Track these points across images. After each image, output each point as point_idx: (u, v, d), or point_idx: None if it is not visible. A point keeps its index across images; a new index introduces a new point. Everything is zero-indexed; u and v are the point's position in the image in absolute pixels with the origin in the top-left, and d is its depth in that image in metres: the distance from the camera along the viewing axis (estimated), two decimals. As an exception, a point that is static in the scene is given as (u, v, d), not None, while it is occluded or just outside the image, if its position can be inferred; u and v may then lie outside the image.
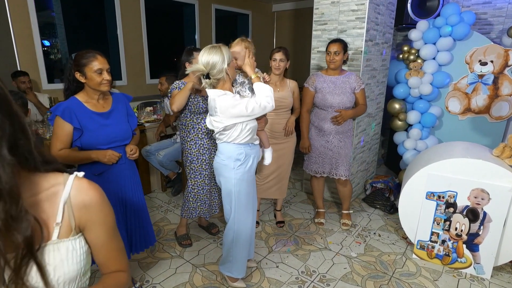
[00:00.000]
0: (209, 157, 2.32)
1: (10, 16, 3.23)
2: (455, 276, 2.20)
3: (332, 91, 2.47)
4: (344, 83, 2.48)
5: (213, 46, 1.66)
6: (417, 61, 3.24)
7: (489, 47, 3.04)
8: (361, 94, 2.52)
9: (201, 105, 2.17)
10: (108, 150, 1.63)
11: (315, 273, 2.20)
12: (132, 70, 4.53)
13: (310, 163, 2.68)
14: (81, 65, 1.53)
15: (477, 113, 3.22)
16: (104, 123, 1.63)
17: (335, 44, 2.40)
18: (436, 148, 2.56)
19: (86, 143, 1.60)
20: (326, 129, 2.52)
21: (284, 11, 6.54)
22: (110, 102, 1.70)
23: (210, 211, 2.45)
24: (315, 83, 2.52)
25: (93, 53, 1.55)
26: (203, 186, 2.35)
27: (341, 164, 2.57)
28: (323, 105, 2.49)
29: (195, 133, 2.26)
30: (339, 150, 2.55)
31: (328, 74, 2.53)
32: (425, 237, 2.31)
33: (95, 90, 1.60)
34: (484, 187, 2.06)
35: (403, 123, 3.41)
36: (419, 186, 2.28)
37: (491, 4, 3.46)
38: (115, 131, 1.66)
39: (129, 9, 4.33)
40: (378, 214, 3.03)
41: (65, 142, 1.57)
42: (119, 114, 1.71)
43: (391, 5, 3.11)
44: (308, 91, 2.55)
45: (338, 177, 2.60)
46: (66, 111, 1.54)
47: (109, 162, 1.62)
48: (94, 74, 1.54)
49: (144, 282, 2.09)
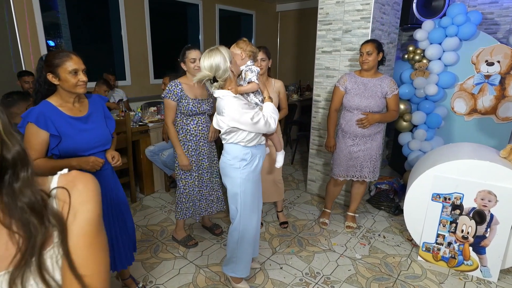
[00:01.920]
0: (197, 159, 2.31)
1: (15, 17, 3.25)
2: (461, 279, 2.17)
3: (361, 93, 2.38)
4: (375, 86, 2.38)
5: (211, 49, 1.65)
6: (423, 61, 3.21)
7: (495, 47, 3.01)
8: (393, 100, 2.38)
9: (190, 108, 2.18)
10: (90, 156, 1.52)
11: (319, 275, 2.18)
12: (136, 70, 4.54)
13: (338, 168, 2.59)
14: (53, 65, 1.40)
15: (484, 114, 3.19)
16: (83, 128, 1.51)
17: (368, 44, 2.33)
18: (442, 149, 2.54)
19: (65, 151, 1.47)
20: (352, 131, 2.44)
21: (288, 11, 6.53)
22: (86, 106, 1.57)
23: (200, 212, 2.44)
24: (346, 83, 2.44)
25: (67, 53, 1.43)
26: (193, 187, 2.36)
27: (365, 166, 2.51)
28: (349, 106, 2.41)
29: (183, 134, 2.25)
30: (365, 152, 2.47)
31: (361, 75, 2.43)
32: (430, 239, 2.29)
33: (69, 93, 1.46)
34: (491, 189, 2.04)
35: (408, 124, 3.38)
36: (425, 187, 2.25)
37: (497, 3, 3.42)
38: (95, 136, 1.55)
39: (133, 9, 4.34)
40: (382, 216, 3.00)
41: (40, 151, 1.43)
42: (98, 117, 1.60)
43: (397, 5, 3.08)
44: (338, 91, 2.47)
45: (362, 179, 2.55)
46: (41, 117, 1.39)
47: (93, 169, 1.51)
48: (69, 75, 1.41)
49: (148, 282, 2.08)
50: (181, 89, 2.17)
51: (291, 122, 5.06)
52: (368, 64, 2.33)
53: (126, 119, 2.91)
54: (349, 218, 2.79)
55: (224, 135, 1.78)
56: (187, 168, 2.27)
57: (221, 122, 1.72)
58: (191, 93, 2.21)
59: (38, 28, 3.44)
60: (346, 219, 2.81)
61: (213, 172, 2.46)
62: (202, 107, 2.24)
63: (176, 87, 2.16)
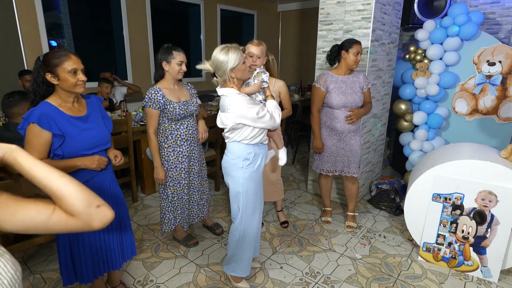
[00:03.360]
0: (188, 165, 2.25)
1: (18, 17, 3.27)
2: (461, 279, 2.17)
3: (344, 91, 2.45)
4: (354, 83, 2.48)
5: (225, 46, 1.66)
6: (424, 61, 3.21)
7: (497, 47, 3.00)
8: (368, 93, 2.55)
9: (177, 112, 2.09)
10: (95, 155, 1.52)
11: (319, 275, 2.18)
12: (138, 70, 4.55)
13: (321, 163, 2.66)
14: (52, 65, 1.39)
15: (485, 114, 3.18)
16: (84, 127, 1.51)
17: (360, 44, 2.40)
18: (443, 149, 2.53)
19: (69, 151, 1.46)
20: (338, 128, 2.51)
21: (289, 11, 6.53)
22: (85, 106, 1.58)
23: (188, 220, 2.41)
24: (327, 83, 2.48)
25: (65, 52, 1.42)
26: (182, 195, 2.28)
27: (352, 161, 2.58)
28: (336, 104, 2.46)
29: (173, 139, 2.17)
30: (351, 148, 2.55)
31: (339, 73, 2.49)
32: (431, 239, 2.29)
33: (69, 93, 1.46)
34: (491, 189, 2.03)
35: (409, 124, 3.38)
36: (426, 187, 2.25)
37: (499, 3, 3.41)
38: (97, 135, 1.55)
39: (135, 9, 4.35)
40: (383, 216, 3.00)
41: (43, 152, 1.42)
42: (96, 117, 1.60)
43: (398, 5, 3.08)
44: (320, 91, 2.50)
45: (350, 174, 2.60)
46: (43, 117, 1.38)
47: (98, 168, 1.52)
48: (68, 74, 1.40)
49: (148, 281, 2.09)
50: (162, 95, 2.05)
51: (292, 122, 5.06)
52: (357, 64, 2.44)
53: (127, 119, 2.92)
54: (349, 217, 2.80)
55: (228, 133, 1.78)
56: (162, 182, 2.20)
57: (225, 119, 1.72)
58: (174, 96, 2.11)
59: (41, 28, 3.45)
60: (346, 219, 2.82)
61: (203, 176, 2.43)
62: (189, 108, 2.15)
63: (157, 94, 2.04)
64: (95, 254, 1.62)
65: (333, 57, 2.51)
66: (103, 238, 1.65)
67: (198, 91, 2.59)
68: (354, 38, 2.66)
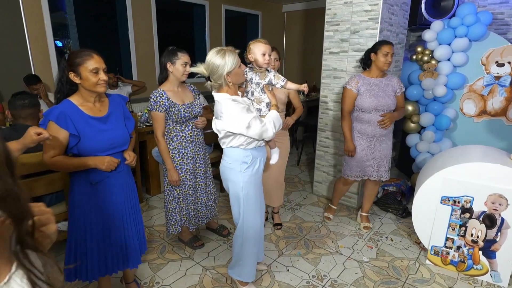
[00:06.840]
0: (193, 166, 2.24)
1: (25, 17, 3.28)
2: (470, 283, 2.14)
3: (376, 94, 2.39)
4: (387, 86, 2.42)
5: (220, 49, 1.61)
6: (431, 62, 3.18)
7: (506, 48, 2.96)
8: (401, 97, 2.50)
9: (182, 114, 2.09)
10: (106, 156, 1.52)
11: (326, 278, 2.16)
12: (143, 71, 4.55)
13: (349, 168, 2.58)
14: (75, 64, 1.42)
15: (493, 116, 3.14)
16: (102, 128, 1.52)
17: (390, 45, 2.33)
18: (451, 151, 2.50)
19: (84, 150, 1.49)
20: (369, 132, 2.45)
21: (294, 12, 6.50)
22: (106, 105, 1.59)
23: (196, 222, 2.38)
24: (359, 85, 2.42)
25: (89, 52, 1.45)
26: (187, 196, 2.27)
27: (382, 165, 2.53)
28: (368, 107, 2.40)
29: (178, 141, 2.16)
30: (382, 152, 2.50)
31: (371, 76, 2.44)
32: (439, 242, 2.26)
33: (90, 92, 1.49)
34: (502, 193, 2.00)
35: (416, 125, 3.35)
36: (434, 190, 2.23)
37: (508, 3, 3.37)
38: (114, 137, 1.55)
39: (140, 10, 4.35)
40: (390, 218, 2.97)
41: (59, 149, 1.46)
42: (117, 117, 1.61)
43: (405, 5, 3.05)
44: (351, 93, 2.44)
45: (379, 178, 2.56)
46: (61, 116, 1.43)
47: (108, 169, 1.51)
48: (90, 74, 1.43)
49: (154, 283, 2.09)
50: (167, 98, 2.05)
51: (298, 123, 5.03)
52: (389, 66, 2.36)
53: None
54: (364, 218, 2.81)
55: (223, 139, 1.75)
56: (177, 184, 2.18)
57: (218, 125, 1.71)
58: (178, 99, 2.11)
59: (47, 29, 3.46)
60: (362, 220, 2.82)
61: (209, 177, 2.42)
62: (193, 110, 2.15)
63: (162, 97, 2.04)
64: (103, 254, 1.63)
65: (366, 61, 2.47)
66: (123, 236, 1.68)
67: (202, 93, 2.58)
68: (376, 40, 2.63)
